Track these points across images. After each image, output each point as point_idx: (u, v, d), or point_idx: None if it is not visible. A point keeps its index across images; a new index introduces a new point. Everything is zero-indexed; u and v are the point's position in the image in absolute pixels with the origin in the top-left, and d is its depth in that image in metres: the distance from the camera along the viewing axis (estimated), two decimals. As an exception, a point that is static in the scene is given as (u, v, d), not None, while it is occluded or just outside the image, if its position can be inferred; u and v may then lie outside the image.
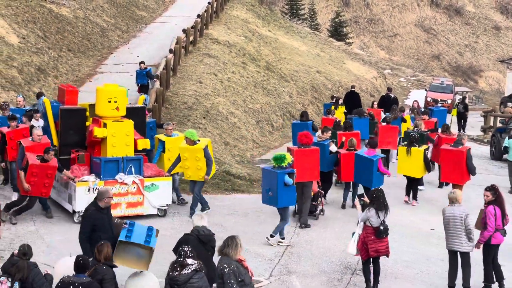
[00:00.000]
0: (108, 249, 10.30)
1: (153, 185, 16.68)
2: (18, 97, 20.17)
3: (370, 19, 77.55)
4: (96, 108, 16.67)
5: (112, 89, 16.60)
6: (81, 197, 15.84)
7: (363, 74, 46.42)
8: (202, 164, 16.78)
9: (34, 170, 15.24)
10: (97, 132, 16.19)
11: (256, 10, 50.15)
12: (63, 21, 35.32)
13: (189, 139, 16.83)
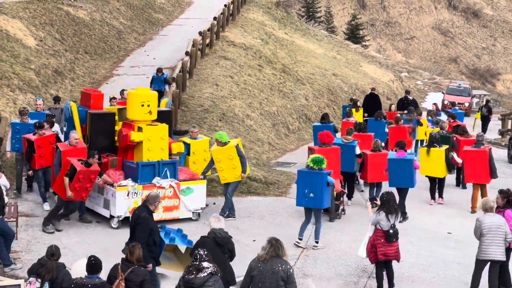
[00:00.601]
0: (140, 251, 10.29)
1: (188, 189, 16.73)
2: (37, 101, 20.04)
3: (386, 22, 77.33)
4: (128, 112, 16.60)
5: (145, 93, 16.62)
6: (121, 202, 15.83)
7: (380, 77, 46.26)
8: (237, 163, 16.87)
9: (81, 176, 15.22)
10: (134, 136, 16.11)
11: (273, 13, 50.13)
12: (80, 23, 35.46)
13: (219, 141, 16.93)
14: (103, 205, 16.26)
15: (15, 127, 17.62)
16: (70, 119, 17.41)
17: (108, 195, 16.08)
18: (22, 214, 16.29)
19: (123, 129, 16.59)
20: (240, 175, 16.98)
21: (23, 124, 17.66)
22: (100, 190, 16.27)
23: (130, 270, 10.09)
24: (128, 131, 16.35)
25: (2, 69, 26.22)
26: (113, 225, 15.98)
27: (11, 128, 17.67)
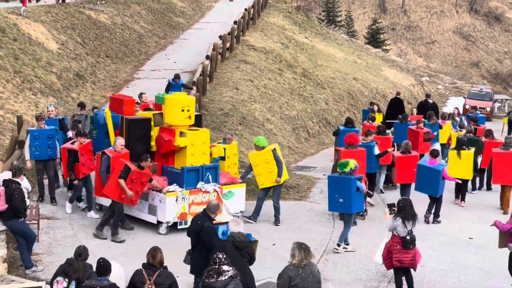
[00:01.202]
0: (161, 254, 10.30)
1: (229, 193, 16.77)
2: (49, 107, 19.63)
3: (407, 26, 77.05)
4: (168, 117, 16.54)
5: (184, 98, 16.64)
6: (170, 207, 15.81)
7: (400, 81, 46.09)
8: (273, 167, 16.91)
9: (134, 177, 15.24)
10: (179, 142, 16.08)
11: (293, 17, 50.12)
12: (101, 27, 35.65)
13: (257, 146, 17.04)
14: (148, 211, 16.11)
15: (34, 134, 17.25)
16: (103, 125, 17.18)
17: (154, 201, 15.96)
18: (43, 217, 16.36)
19: (162, 134, 16.47)
20: (276, 179, 17.02)
21: (41, 131, 17.33)
22: (144, 196, 16.10)
23: (158, 273, 10.09)
24: (169, 136, 16.30)
25: (24, 73, 26.41)
26: (161, 231, 15.90)
27: (29, 136, 17.30)
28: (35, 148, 17.20)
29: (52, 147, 17.38)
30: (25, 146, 17.44)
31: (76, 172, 16.42)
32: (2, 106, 23.52)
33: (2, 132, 22.07)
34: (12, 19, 30.04)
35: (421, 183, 18.02)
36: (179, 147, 16.18)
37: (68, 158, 16.44)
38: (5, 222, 13.34)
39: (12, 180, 13.59)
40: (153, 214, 16.04)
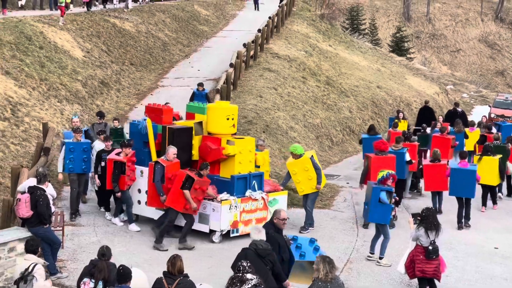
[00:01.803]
0: (181, 262, 10.29)
1: (274, 200, 16.87)
2: (73, 118, 19.33)
3: (432, 34, 76.73)
4: (213, 125, 16.60)
5: (229, 107, 16.76)
6: (224, 216, 15.83)
7: (425, 90, 45.86)
8: (312, 174, 16.94)
9: (197, 186, 15.33)
10: (229, 150, 16.14)
11: (317, 25, 50.10)
12: (126, 35, 35.86)
13: (294, 154, 17.04)
14: (199, 220, 16.06)
15: (69, 146, 16.89)
16: (142, 135, 16.91)
17: (206, 210, 15.90)
18: (68, 223, 16.46)
19: (208, 143, 16.51)
20: (316, 186, 17.04)
21: (77, 144, 17.00)
22: None
23: (177, 282, 10.09)
24: (216, 144, 16.35)
25: (50, 80, 26.62)
26: (215, 240, 15.91)
27: (64, 148, 17.00)
28: (70, 161, 16.89)
29: (86, 161, 17.14)
30: (59, 158, 17.16)
31: (121, 184, 16.26)
32: (28, 113, 23.71)
33: (28, 139, 22.24)
34: (38, 27, 30.31)
35: (456, 187, 18.08)
36: (228, 156, 16.23)
37: (114, 169, 16.20)
38: (30, 229, 13.42)
39: (37, 187, 13.67)
40: (204, 223, 15.97)
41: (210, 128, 16.76)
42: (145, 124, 16.73)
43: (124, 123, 25.55)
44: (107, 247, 10.87)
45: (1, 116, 22.51)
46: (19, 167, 16.34)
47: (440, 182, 18.63)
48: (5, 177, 19.27)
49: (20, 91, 24.69)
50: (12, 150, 21.20)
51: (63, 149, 17.02)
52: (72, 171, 16.97)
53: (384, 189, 15.05)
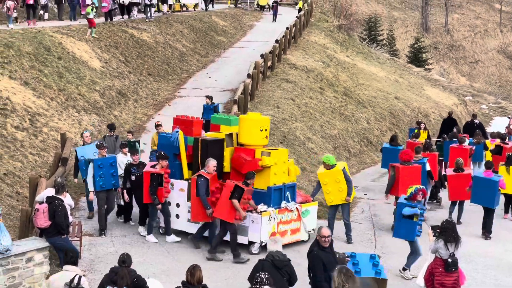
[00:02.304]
0: (200, 273, 10.26)
1: (306, 211, 16.92)
2: (85, 133, 18.99)
3: (450, 45, 76.47)
4: (246, 137, 16.62)
5: (262, 118, 16.81)
6: (264, 227, 15.82)
7: (443, 101, 45.66)
8: (343, 186, 16.95)
9: (246, 196, 15.40)
10: (267, 161, 16.14)
11: (335, 36, 50.05)
12: (143, 46, 35.99)
13: (326, 164, 17.04)
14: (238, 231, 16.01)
15: (98, 163, 16.51)
16: (171, 147, 16.75)
17: (244, 221, 15.83)
18: (85, 234, 16.48)
19: (242, 154, 16.51)
20: (346, 197, 17.04)
21: (104, 159, 16.65)
22: None
23: None
24: (249, 156, 16.35)
25: (68, 91, 26.74)
26: (254, 251, 15.87)
27: (93, 166, 16.54)
28: (100, 178, 16.50)
29: (115, 176, 16.85)
30: (89, 177, 16.67)
31: (159, 196, 16.10)
32: (47, 123, 23.82)
33: (46, 149, 22.33)
34: (57, 38, 30.48)
35: (477, 195, 18.27)
36: (264, 167, 16.21)
37: (151, 182, 16.02)
38: (48, 239, 13.45)
39: (55, 197, 13.71)
40: (243, 235, 15.88)
41: (242, 139, 16.75)
42: (178, 136, 16.63)
43: (139, 135, 25.63)
44: (127, 254, 10.90)
45: (20, 126, 22.62)
46: (37, 177, 16.39)
47: (464, 191, 18.86)
48: (23, 187, 19.34)
49: (38, 102, 24.82)
50: (31, 160, 21.28)
51: (91, 167, 16.55)
52: (104, 188, 16.61)
53: (410, 205, 14.92)
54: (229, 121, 17.53)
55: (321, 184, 17.26)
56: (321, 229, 11.74)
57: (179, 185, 16.57)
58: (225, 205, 15.30)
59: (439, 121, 39.95)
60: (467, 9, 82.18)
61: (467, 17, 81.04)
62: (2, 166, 19.99)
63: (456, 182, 19.02)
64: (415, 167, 18.14)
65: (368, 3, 79.06)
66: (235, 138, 17.03)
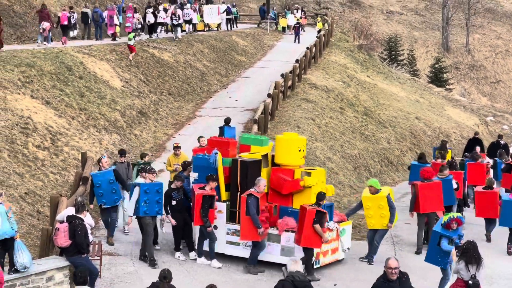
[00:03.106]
0: None
1: (343, 230, 16.95)
2: (103, 159, 17.85)
3: (471, 65, 76.18)
4: (283, 157, 16.59)
5: (300, 138, 16.87)
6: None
7: (464, 121, 45.43)
8: (386, 212, 16.87)
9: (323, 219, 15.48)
10: (309, 182, 16.14)
11: (355, 56, 50.05)
12: (164, 65, 36.16)
13: (372, 188, 16.99)
14: (281, 253, 15.94)
15: (144, 188, 15.98)
16: (212, 169, 16.52)
17: (289, 242, 15.80)
18: (106, 253, 16.48)
19: (281, 175, 16.46)
20: (388, 224, 16.95)
21: (151, 185, 16.17)
22: (274, 238, 16.00)
23: None
24: (288, 176, 16.29)
25: (89, 110, 26.89)
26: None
27: (139, 191, 15.98)
28: (145, 203, 15.95)
29: (159, 203, 16.29)
30: (131, 200, 16.22)
31: (210, 218, 15.99)
32: (68, 142, 23.93)
33: (67, 168, 22.42)
34: (78, 58, 30.70)
35: (506, 218, 18.34)
36: (306, 187, 16.17)
37: (203, 204, 15.82)
38: (68, 258, 13.47)
39: (76, 216, 13.74)
40: (288, 256, 15.65)
41: (280, 159, 16.71)
42: (217, 158, 16.54)
43: (159, 154, 25.68)
44: (168, 270, 11.14)
45: (41, 146, 22.74)
46: (58, 196, 16.44)
47: (491, 209, 19.06)
48: (44, 206, 19.40)
49: (60, 121, 24.96)
50: (51, 179, 21.37)
51: (137, 191, 16.01)
52: (147, 214, 16.06)
53: (445, 235, 14.61)
54: (260, 141, 17.54)
55: (363, 207, 17.15)
56: (388, 260, 11.01)
57: (218, 206, 16.38)
58: (310, 232, 15.28)
59: (459, 141, 39.77)
60: (488, 29, 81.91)
61: (488, 37, 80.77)
62: (23, 185, 20.08)
63: (484, 199, 19.21)
64: (434, 183, 18.20)
65: (389, 23, 79.05)
66: (269, 159, 16.99)
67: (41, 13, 33.48)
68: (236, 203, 16.34)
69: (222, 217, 16.43)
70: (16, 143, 21.99)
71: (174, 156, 19.89)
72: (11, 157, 21.20)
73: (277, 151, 16.81)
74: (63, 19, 35.37)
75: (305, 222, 15.22)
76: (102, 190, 16.87)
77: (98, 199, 17.01)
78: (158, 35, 41.64)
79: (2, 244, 13.10)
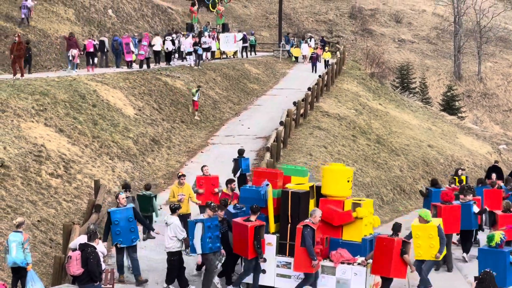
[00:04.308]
0: None
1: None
2: (120, 195, 17.27)
3: (484, 93, 76.08)
4: (331, 188, 16.46)
5: (347, 169, 16.80)
6: (368, 279, 15.66)
7: (477, 149, 45.28)
8: (435, 243, 16.67)
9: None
10: (362, 213, 16.08)
11: (367, 84, 50.11)
12: (177, 93, 36.30)
13: (422, 218, 16.84)
14: (336, 286, 15.78)
15: (207, 224, 15.76)
16: (262, 201, 16.41)
17: (345, 274, 15.66)
18: (117, 281, 16.43)
19: (331, 206, 16.32)
20: (436, 254, 16.75)
21: (214, 220, 15.93)
22: (329, 270, 15.86)
23: None
24: (338, 207, 16.21)
25: (102, 138, 26.98)
26: None
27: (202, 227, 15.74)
28: (209, 239, 15.78)
29: (219, 237, 16.10)
30: (196, 238, 15.86)
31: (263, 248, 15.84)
32: (81, 170, 24.00)
33: (79, 196, 22.46)
34: (92, 86, 30.89)
35: None
36: (358, 218, 16.11)
37: (255, 235, 15.66)
38: (81, 286, 13.46)
39: (88, 244, 13.74)
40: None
41: (328, 190, 16.54)
42: (267, 189, 16.41)
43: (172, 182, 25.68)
44: None
45: (54, 173, 22.81)
46: (71, 224, 16.47)
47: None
48: (57, 234, 19.42)
49: (73, 149, 25.06)
50: (64, 207, 21.41)
51: (201, 227, 15.73)
52: (212, 250, 15.92)
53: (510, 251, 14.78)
54: (302, 172, 17.50)
55: (412, 237, 16.92)
56: None
57: (267, 239, 16.19)
58: (399, 263, 15.24)
59: (472, 169, 39.63)
60: (500, 58, 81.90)
61: (500, 66, 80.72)
62: (36, 212, 20.13)
63: (505, 222, 19.33)
64: (455, 206, 18.77)
65: (400, 51, 79.18)
66: (314, 190, 16.87)
67: (69, 41, 35.05)
68: (286, 235, 16.16)
69: (271, 249, 16.20)
70: (29, 170, 22.08)
71: (178, 186, 19.45)
72: (24, 185, 21.28)
73: (325, 182, 16.61)
74: (88, 47, 36.67)
75: (394, 253, 15.18)
76: (119, 228, 16.39)
77: (114, 237, 16.46)
78: (175, 62, 42.20)
79: (15, 272, 13.13)
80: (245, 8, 78.41)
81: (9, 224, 18.79)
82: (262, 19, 77.47)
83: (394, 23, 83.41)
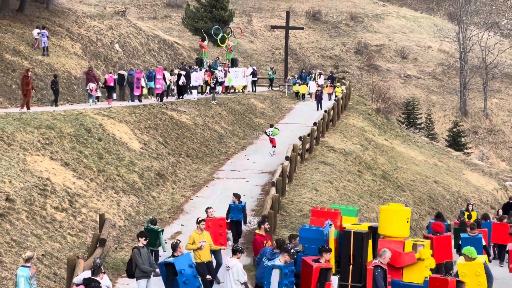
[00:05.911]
0: None
1: None
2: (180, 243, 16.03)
3: (489, 130, 76.08)
4: (390, 228, 16.23)
5: (405, 209, 16.63)
6: None
7: (483, 186, 45.13)
8: (483, 280, 16.45)
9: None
10: (425, 254, 15.87)
11: (373, 119, 50.15)
12: (182, 127, 36.36)
13: (467, 256, 16.69)
14: None
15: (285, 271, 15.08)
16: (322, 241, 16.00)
17: None
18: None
19: (392, 247, 15.98)
20: None
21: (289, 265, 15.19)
22: None
23: None
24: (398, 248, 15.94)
25: (107, 172, 26.97)
26: None
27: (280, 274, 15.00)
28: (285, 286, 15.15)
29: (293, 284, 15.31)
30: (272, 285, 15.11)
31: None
32: (86, 204, 23.95)
33: (84, 230, 22.39)
34: (98, 120, 30.96)
35: None
36: (420, 260, 15.90)
37: (319, 278, 15.09)
38: (84, 322, 13.33)
39: (92, 279, 13.65)
40: None
41: (386, 231, 16.29)
42: (330, 230, 16.08)
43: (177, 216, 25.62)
44: None
45: (59, 207, 22.77)
46: (75, 259, 16.37)
47: None
48: (61, 268, 19.32)
49: (78, 182, 25.04)
50: (69, 241, 21.33)
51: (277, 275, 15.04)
52: None
53: None
54: (353, 212, 17.29)
55: (458, 275, 16.66)
56: None
57: None
58: None
59: (479, 206, 39.47)
60: (506, 94, 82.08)
61: (505, 102, 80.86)
62: (41, 246, 20.05)
63: None
64: (446, 236, 18.87)
65: (406, 87, 79.41)
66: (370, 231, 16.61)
67: (88, 75, 37.05)
68: (348, 276, 15.81)
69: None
70: (34, 204, 22.04)
71: (198, 232, 18.14)
72: (29, 219, 21.23)
73: (384, 222, 16.37)
74: (109, 81, 38.36)
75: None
76: (186, 276, 15.31)
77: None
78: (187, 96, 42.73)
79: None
80: (251, 43, 78.91)
81: (13, 258, 18.72)
82: (268, 54, 77.93)
83: (400, 59, 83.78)
